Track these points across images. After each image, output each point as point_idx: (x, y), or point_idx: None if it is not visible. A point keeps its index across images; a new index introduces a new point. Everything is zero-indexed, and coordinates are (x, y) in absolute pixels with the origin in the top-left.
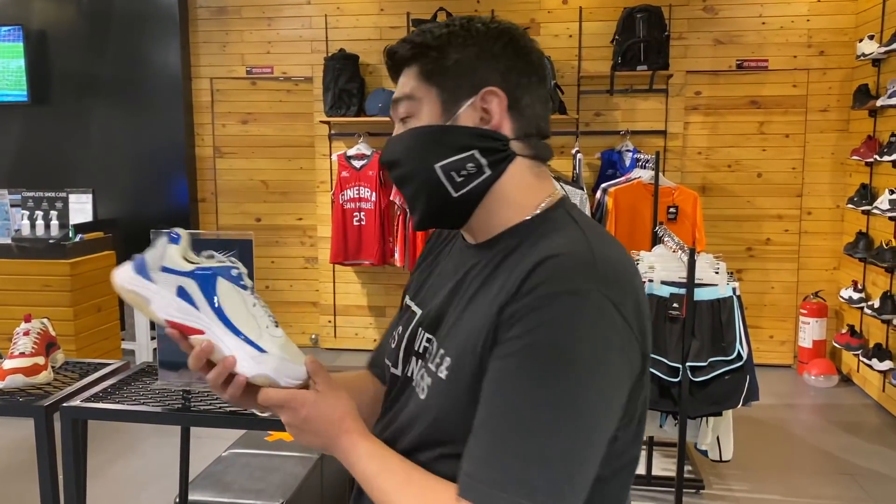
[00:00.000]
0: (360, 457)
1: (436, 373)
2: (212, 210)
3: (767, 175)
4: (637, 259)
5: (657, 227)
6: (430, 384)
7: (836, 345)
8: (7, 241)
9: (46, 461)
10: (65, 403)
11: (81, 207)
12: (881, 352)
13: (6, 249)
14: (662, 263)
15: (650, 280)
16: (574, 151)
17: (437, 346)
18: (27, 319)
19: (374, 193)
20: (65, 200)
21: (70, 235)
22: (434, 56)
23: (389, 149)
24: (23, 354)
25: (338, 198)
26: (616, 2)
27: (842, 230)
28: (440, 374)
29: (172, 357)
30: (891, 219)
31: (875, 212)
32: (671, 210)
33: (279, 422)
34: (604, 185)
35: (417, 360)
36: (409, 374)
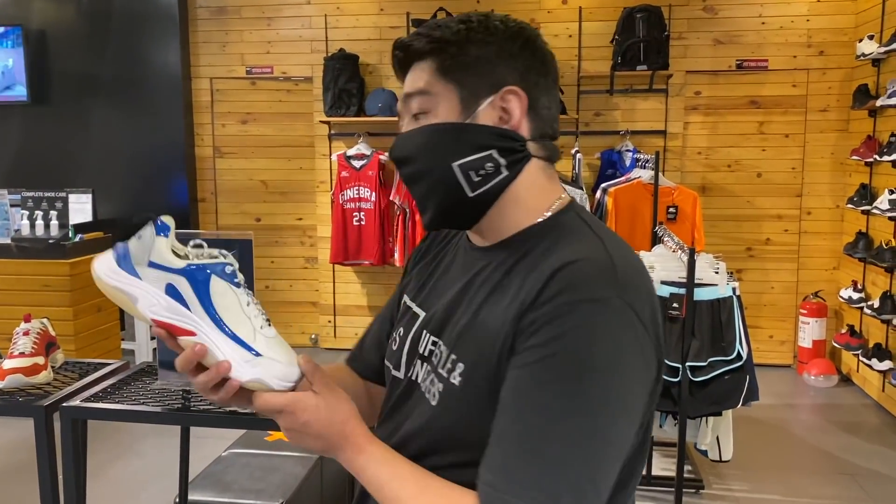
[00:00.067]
0: (370, 463)
1: (448, 378)
2: (211, 210)
3: (767, 175)
4: None
5: (657, 227)
6: (443, 390)
7: (836, 345)
8: (7, 241)
9: (46, 461)
10: (64, 403)
11: (81, 207)
12: (881, 352)
13: (6, 249)
14: (662, 263)
15: None
16: (574, 151)
17: (447, 351)
18: (27, 319)
19: (374, 193)
20: (64, 200)
21: (70, 235)
22: (453, 52)
23: (402, 145)
24: (22, 354)
25: (337, 198)
26: (616, 2)
27: (841, 230)
28: (453, 381)
29: (172, 357)
30: (890, 219)
31: (875, 212)
32: (671, 210)
33: None
34: (604, 185)
35: (423, 364)
36: (414, 378)
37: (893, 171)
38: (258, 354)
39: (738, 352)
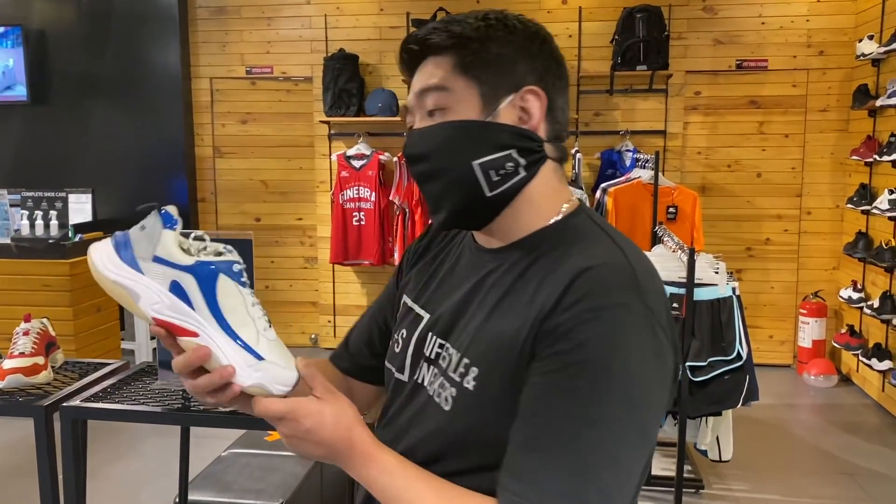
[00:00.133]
0: (382, 472)
1: (461, 383)
2: (211, 210)
3: (767, 175)
4: None
5: (657, 227)
6: (456, 395)
7: (836, 345)
8: (7, 241)
9: (46, 461)
10: (64, 403)
11: (81, 207)
12: (881, 352)
13: (6, 249)
14: (662, 263)
15: None
16: (574, 151)
17: (458, 354)
18: (27, 319)
19: (374, 193)
20: (64, 200)
21: (69, 235)
22: (474, 48)
23: (417, 141)
24: (22, 354)
25: (337, 198)
26: (616, 2)
27: (841, 230)
28: (466, 385)
29: (171, 357)
30: (890, 219)
31: (874, 212)
32: (671, 210)
33: None
34: (603, 185)
35: (429, 367)
36: (420, 381)
37: (893, 171)
38: (261, 358)
39: (738, 352)
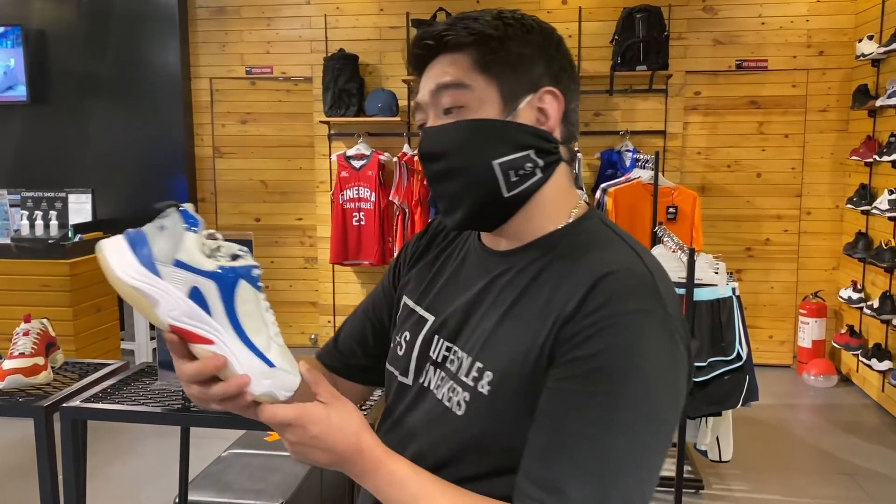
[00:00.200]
0: (391, 478)
1: (475, 387)
2: (211, 210)
3: (767, 175)
4: None
5: (657, 228)
6: (469, 399)
7: (836, 345)
8: (6, 242)
9: (46, 461)
10: (64, 404)
11: (81, 207)
12: (880, 352)
13: (5, 249)
14: (662, 264)
15: None
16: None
17: (469, 359)
18: (27, 320)
19: (374, 193)
20: (64, 200)
21: (69, 235)
22: (494, 46)
23: (433, 139)
24: (22, 355)
25: (337, 198)
26: (615, 2)
27: (841, 230)
28: (481, 389)
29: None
30: (890, 219)
31: (874, 212)
32: (670, 210)
33: None
34: (603, 186)
35: (436, 370)
36: (427, 385)
37: (893, 172)
38: (272, 365)
39: (738, 352)
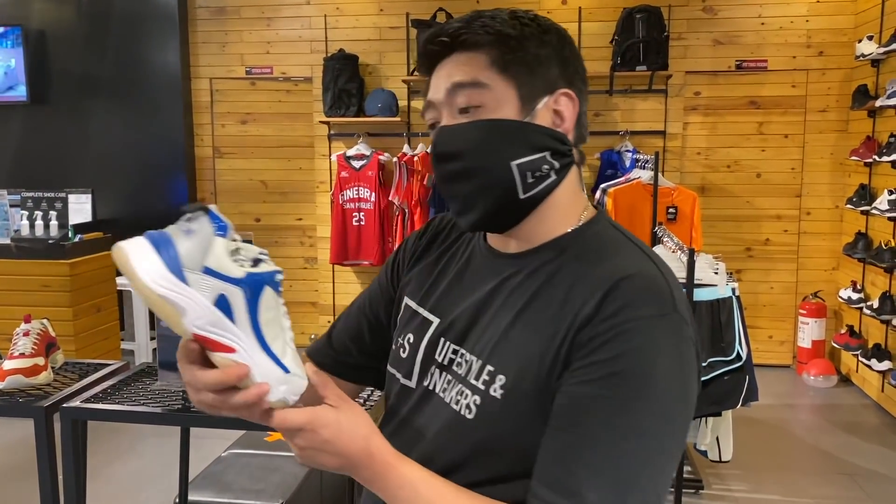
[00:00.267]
0: (403, 483)
1: (486, 391)
2: None
3: (766, 175)
4: None
5: (656, 228)
6: (480, 403)
7: (836, 345)
8: (6, 242)
9: (46, 462)
10: (65, 404)
11: (81, 207)
12: (880, 352)
13: (6, 250)
14: None
15: None
16: None
17: (479, 361)
18: (27, 320)
19: (374, 194)
20: (64, 201)
21: (69, 236)
22: (513, 45)
23: (451, 138)
24: (23, 355)
25: (337, 198)
26: (615, 2)
27: (841, 230)
28: (493, 393)
29: (172, 357)
30: (890, 219)
31: (874, 212)
32: (670, 210)
33: None
34: (603, 186)
35: (442, 373)
36: (432, 388)
37: (893, 172)
38: (287, 371)
39: (738, 352)
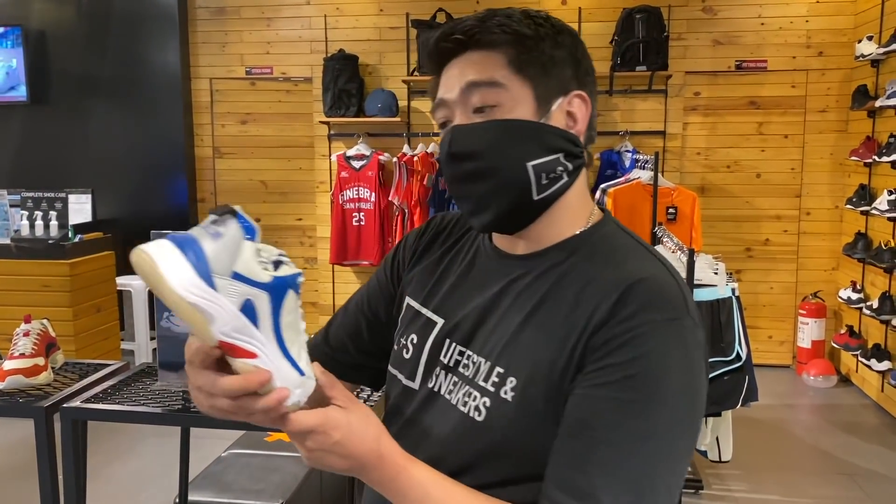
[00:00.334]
0: (413, 484)
1: (496, 393)
2: None
3: (766, 175)
4: None
5: (656, 228)
6: (490, 405)
7: (835, 345)
8: (6, 242)
9: (46, 462)
10: (65, 404)
11: (81, 208)
12: (880, 352)
13: (6, 250)
14: None
15: None
16: None
17: (487, 363)
18: (27, 320)
19: (374, 194)
20: (64, 201)
21: (69, 236)
22: (530, 46)
23: (466, 138)
24: (23, 355)
25: (337, 198)
26: (615, 2)
27: (840, 231)
28: (503, 395)
29: (172, 358)
30: (889, 219)
31: (874, 212)
32: (670, 210)
33: None
34: (603, 186)
35: (447, 374)
36: (437, 389)
37: (892, 172)
38: (303, 374)
39: (738, 352)
